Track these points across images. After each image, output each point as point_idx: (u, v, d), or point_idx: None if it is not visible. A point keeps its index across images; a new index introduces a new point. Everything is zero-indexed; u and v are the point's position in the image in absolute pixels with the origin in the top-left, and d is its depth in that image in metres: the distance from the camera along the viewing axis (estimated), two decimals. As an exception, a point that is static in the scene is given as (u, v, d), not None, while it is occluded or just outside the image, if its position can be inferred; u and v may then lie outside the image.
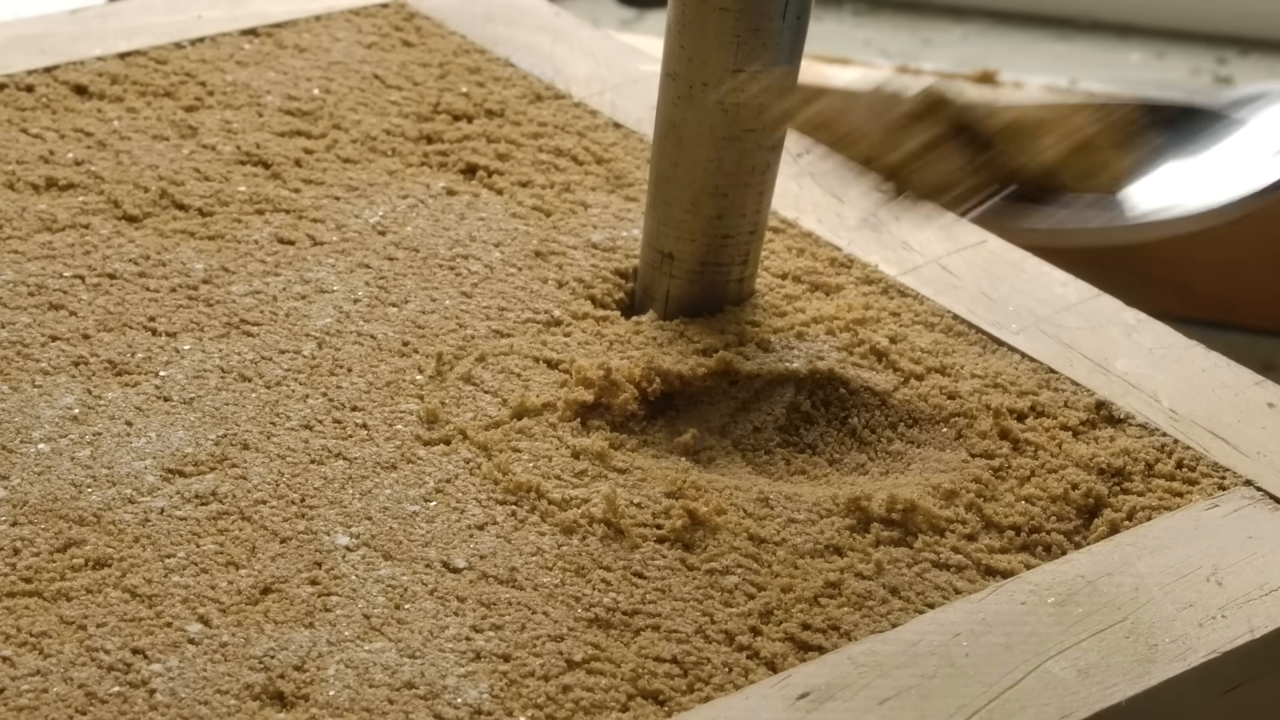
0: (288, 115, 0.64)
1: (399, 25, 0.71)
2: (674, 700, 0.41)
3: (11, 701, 0.40)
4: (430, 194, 0.60)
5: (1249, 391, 0.53)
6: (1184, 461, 0.50)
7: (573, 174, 0.62)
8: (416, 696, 0.41)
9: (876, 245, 0.59)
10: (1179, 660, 0.43)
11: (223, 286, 0.55)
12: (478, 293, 0.55)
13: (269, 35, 0.70)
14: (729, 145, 0.53)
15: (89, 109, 0.64)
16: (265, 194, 0.59)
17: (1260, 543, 0.47)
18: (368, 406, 0.50)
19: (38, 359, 0.51)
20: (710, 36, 0.51)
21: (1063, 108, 0.47)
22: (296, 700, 0.41)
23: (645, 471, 0.49)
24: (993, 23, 1.42)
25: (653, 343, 0.54)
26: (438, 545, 0.45)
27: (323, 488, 0.47)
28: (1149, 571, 0.46)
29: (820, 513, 0.48)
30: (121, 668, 0.41)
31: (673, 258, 0.55)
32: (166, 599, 0.43)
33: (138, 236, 0.57)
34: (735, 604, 0.44)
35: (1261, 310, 1.13)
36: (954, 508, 0.48)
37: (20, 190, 0.59)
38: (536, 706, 0.41)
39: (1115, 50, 1.39)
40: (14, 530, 0.45)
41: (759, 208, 0.54)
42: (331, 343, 0.53)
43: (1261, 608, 0.45)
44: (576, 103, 0.67)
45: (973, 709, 0.41)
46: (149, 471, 0.47)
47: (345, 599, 0.43)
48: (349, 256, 0.57)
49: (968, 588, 0.45)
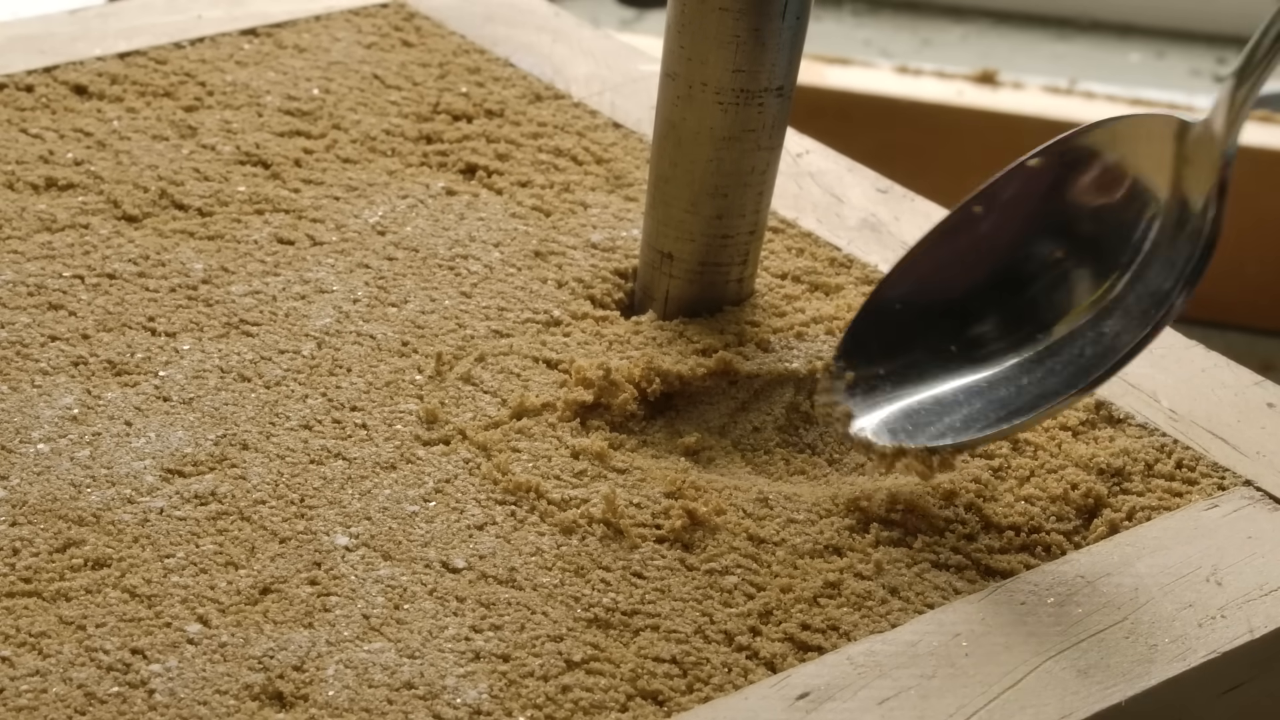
0: (287, 115, 0.64)
1: (399, 25, 0.71)
2: (673, 700, 0.41)
3: (11, 702, 0.40)
4: (430, 194, 0.60)
5: (1249, 391, 0.53)
6: (1184, 461, 0.50)
7: (572, 174, 0.62)
8: (416, 696, 0.41)
9: (876, 245, 0.59)
10: (1179, 660, 0.43)
11: (222, 286, 0.55)
12: (477, 293, 0.55)
13: (269, 35, 0.70)
14: (729, 145, 0.53)
15: (89, 109, 0.64)
16: (265, 194, 0.59)
17: (1260, 543, 0.47)
18: (367, 406, 0.50)
19: (37, 359, 0.51)
20: (710, 36, 0.51)
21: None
22: (296, 700, 0.41)
23: (645, 472, 0.49)
24: (993, 23, 1.42)
25: (652, 343, 0.54)
26: (437, 545, 0.45)
27: (322, 488, 0.47)
28: (1149, 571, 0.46)
29: (820, 513, 0.48)
30: (121, 668, 0.41)
31: (672, 258, 0.55)
32: (166, 599, 0.43)
33: (137, 236, 0.57)
34: (735, 604, 0.44)
35: (1261, 310, 1.13)
36: (954, 508, 0.48)
37: (20, 190, 0.59)
38: (536, 707, 0.41)
39: (1115, 50, 1.39)
40: (13, 530, 0.45)
41: (759, 208, 0.54)
42: (331, 343, 0.53)
43: (1261, 608, 0.45)
44: (576, 103, 0.67)
45: (973, 709, 0.41)
46: (148, 471, 0.47)
47: (344, 599, 0.43)
48: (348, 256, 0.57)
49: (968, 588, 0.45)
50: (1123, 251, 0.47)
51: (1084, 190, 0.48)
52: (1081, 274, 0.48)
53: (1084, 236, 0.48)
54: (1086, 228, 0.48)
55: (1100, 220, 0.48)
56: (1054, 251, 0.49)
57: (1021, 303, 0.49)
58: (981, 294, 0.49)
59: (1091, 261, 0.48)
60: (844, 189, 0.63)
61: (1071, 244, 0.48)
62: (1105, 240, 0.48)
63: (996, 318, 0.49)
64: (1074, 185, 0.48)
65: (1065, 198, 0.49)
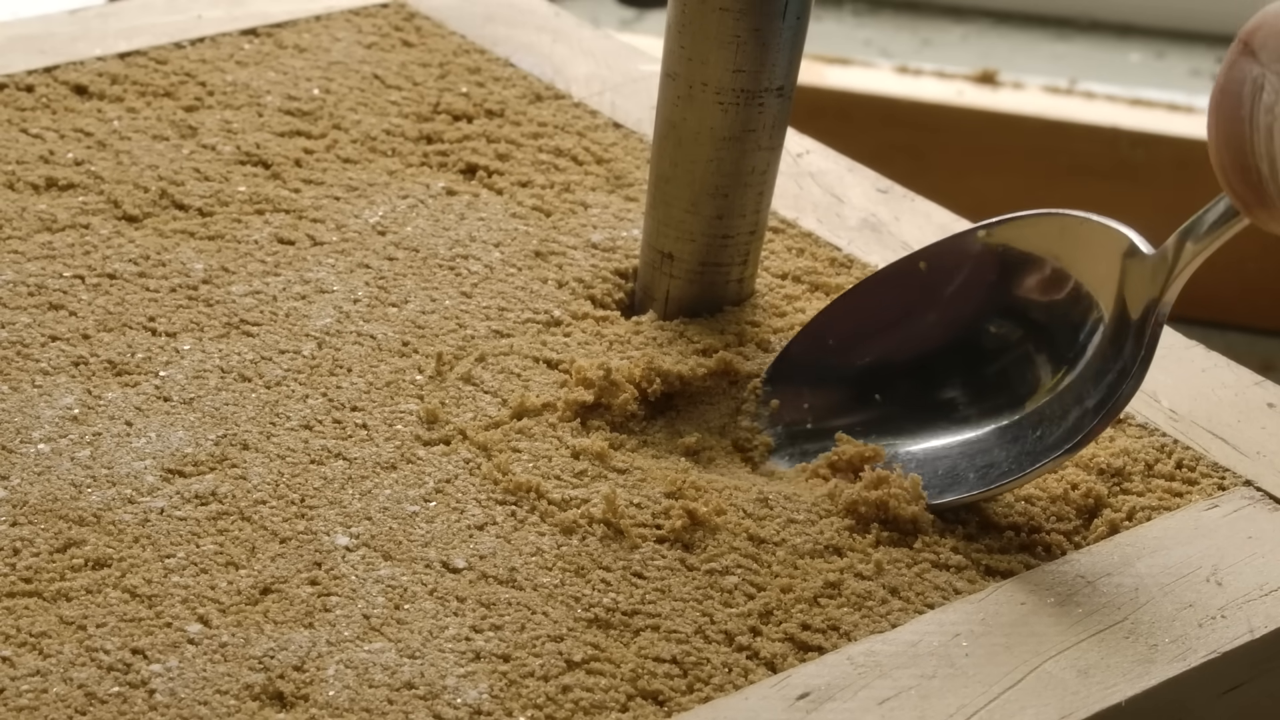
0: (288, 115, 0.64)
1: (399, 25, 0.71)
2: (674, 700, 0.41)
3: (11, 702, 0.40)
4: (430, 194, 0.60)
5: (1249, 391, 0.53)
6: (1184, 462, 0.50)
7: (573, 174, 0.62)
8: (416, 697, 0.41)
9: (876, 245, 0.59)
10: (1179, 660, 0.43)
11: (223, 286, 0.55)
12: (478, 293, 0.55)
13: (269, 35, 0.70)
14: (729, 145, 0.53)
15: (89, 109, 0.64)
16: (265, 194, 0.59)
17: (1260, 543, 0.47)
18: (367, 407, 0.50)
19: (37, 359, 0.51)
20: (710, 36, 0.51)
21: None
22: (296, 700, 0.41)
23: (645, 472, 0.49)
24: (993, 23, 1.42)
25: (653, 343, 0.54)
26: (437, 545, 0.45)
27: (322, 488, 0.47)
28: (1149, 572, 0.46)
29: (820, 513, 0.48)
30: (121, 668, 0.41)
31: (672, 258, 0.55)
32: (166, 599, 0.43)
33: (138, 236, 0.57)
34: (735, 604, 0.44)
35: (1261, 310, 1.13)
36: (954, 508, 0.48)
37: (20, 190, 0.59)
38: (536, 707, 0.41)
39: (1115, 50, 1.39)
40: (14, 530, 0.45)
41: (759, 208, 0.54)
42: (331, 343, 0.53)
43: (1261, 608, 0.45)
44: (576, 103, 0.67)
45: (973, 709, 0.41)
46: (149, 472, 0.47)
47: (345, 599, 0.43)
48: (349, 256, 0.57)
49: (968, 588, 0.45)
50: (1069, 347, 0.48)
51: (1031, 286, 0.49)
52: (1041, 358, 0.48)
53: (1038, 324, 0.49)
54: (1039, 316, 0.49)
55: (1050, 312, 0.48)
56: (1013, 332, 0.49)
57: (990, 374, 0.49)
58: (945, 358, 0.50)
59: (1046, 348, 0.48)
60: (844, 189, 0.63)
61: (1028, 328, 0.49)
62: (1056, 332, 0.48)
63: (963, 383, 0.49)
64: (1022, 278, 0.49)
65: (1014, 286, 0.49)
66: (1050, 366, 0.48)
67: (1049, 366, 0.48)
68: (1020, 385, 0.48)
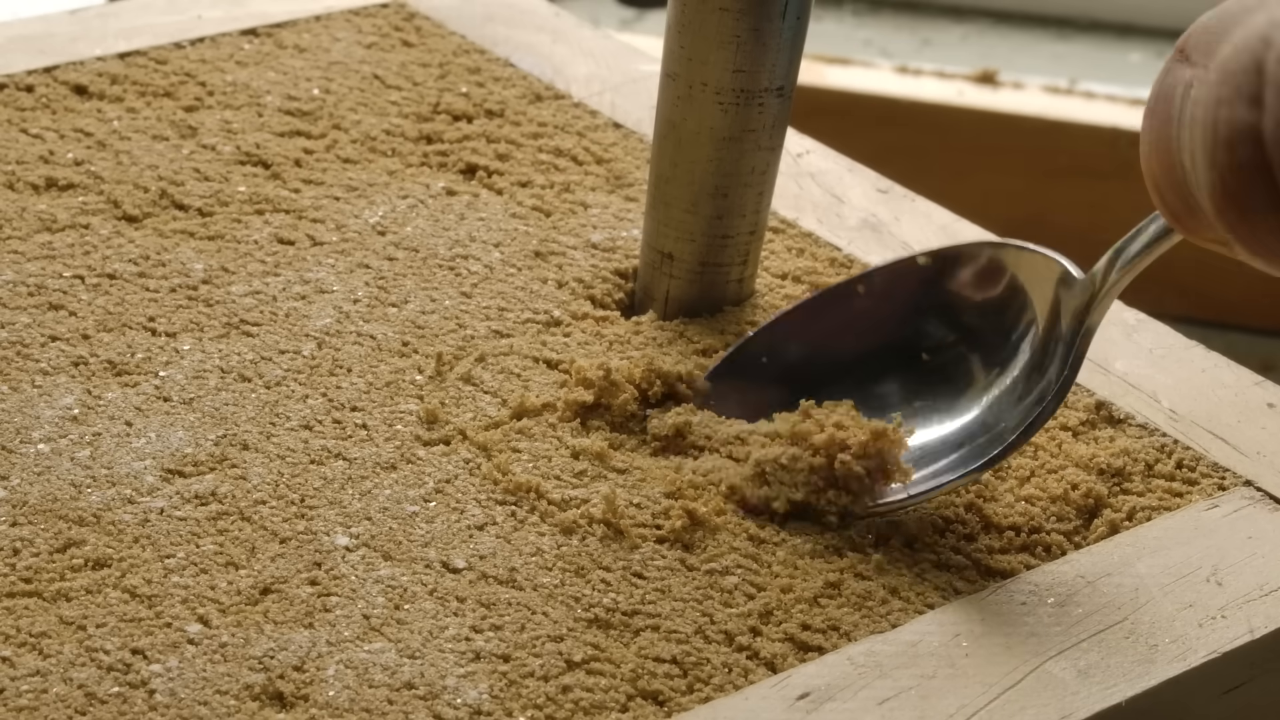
0: (288, 115, 0.64)
1: (399, 25, 0.71)
2: (674, 700, 0.41)
3: (11, 702, 0.40)
4: (430, 194, 0.60)
5: (1249, 391, 0.53)
6: (1184, 462, 0.50)
7: (573, 174, 0.62)
8: (416, 697, 0.41)
9: (876, 245, 0.59)
10: (1179, 660, 0.43)
11: (222, 287, 0.55)
12: (477, 293, 0.55)
13: (269, 35, 0.70)
14: (729, 145, 0.53)
15: (89, 109, 0.64)
16: (265, 194, 0.59)
17: (1260, 543, 0.47)
18: (367, 407, 0.50)
19: (37, 359, 0.51)
20: (710, 36, 0.51)
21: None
22: (296, 700, 0.41)
23: (645, 472, 0.49)
24: (993, 23, 1.42)
25: (652, 343, 0.54)
26: (437, 545, 0.45)
27: (322, 488, 0.47)
28: (1149, 572, 0.46)
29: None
30: (121, 668, 0.41)
31: (672, 258, 0.55)
32: (166, 599, 0.43)
33: (137, 236, 0.57)
34: (735, 604, 0.44)
35: (1261, 310, 1.13)
36: (954, 508, 0.48)
37: (20, 190, 0.59)
38: (536, 707, 0.41)
39: (1115, 50, 1.39)
40: (13, 530, 0.45)
41: (759, 208, 0.54)
42: (331, 343, 0.53)
43: (1261, 608, 0.45)
44: (576, 103, 0.67)
45: (973, 709, 0.41)
46: (149, 472, 0.47)
47: (345, 599, 0.43)
48: (349, 257, 0.57)
49: (968, 588, 0.45)
50: (1002, 348, 0.48)
51: (967, 285, 0.49)
52: (975, 359, 0.49)
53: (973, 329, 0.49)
54: (973, 321, 0.49)
55: (983, 315, 0.49)
56: (947, 336, 0.50)
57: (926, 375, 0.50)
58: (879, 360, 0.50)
59: (980, 351, 0.49)
60: (844, 189, 0.63)
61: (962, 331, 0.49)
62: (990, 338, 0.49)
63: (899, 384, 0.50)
64: (958, 280, 0.50)
65: (949, 290, 0.50)
66: (984, 371, 0.49)
67: (983, 370, 0.49)
68: (956, 387, 0.49)
